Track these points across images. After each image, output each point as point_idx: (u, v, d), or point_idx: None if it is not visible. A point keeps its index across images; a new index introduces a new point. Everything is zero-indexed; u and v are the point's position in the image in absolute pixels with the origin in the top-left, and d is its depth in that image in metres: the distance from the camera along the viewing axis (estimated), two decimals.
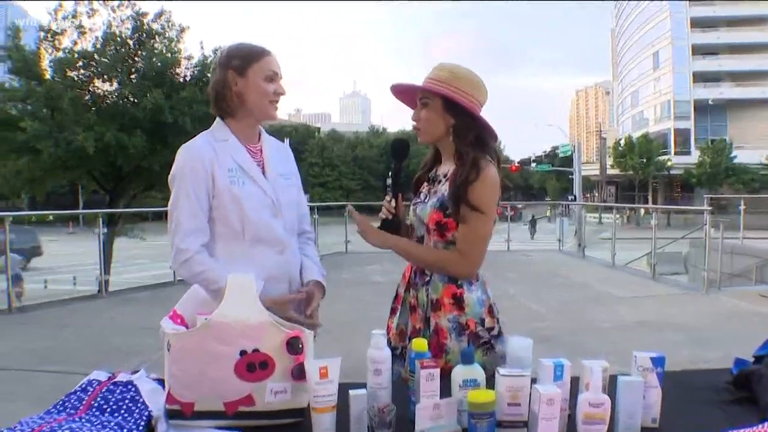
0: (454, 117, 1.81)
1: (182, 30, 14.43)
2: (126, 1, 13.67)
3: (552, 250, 14.57)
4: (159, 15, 14.10)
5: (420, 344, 1.45)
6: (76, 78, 13.37)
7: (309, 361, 1.34)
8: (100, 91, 13.89)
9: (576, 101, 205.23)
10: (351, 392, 1.32)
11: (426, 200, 1.89)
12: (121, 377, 1.50)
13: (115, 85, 13.79)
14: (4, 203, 39.93)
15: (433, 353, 1.67)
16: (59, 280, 16.14)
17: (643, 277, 9.93)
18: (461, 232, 1.78)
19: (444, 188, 1.83)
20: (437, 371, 1.32)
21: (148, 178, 14.85)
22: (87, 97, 13.62)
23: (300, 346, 1.35)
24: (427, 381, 1.30)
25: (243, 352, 1.33)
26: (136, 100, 13.25)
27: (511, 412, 1.28)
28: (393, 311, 2.00)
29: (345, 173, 59.18)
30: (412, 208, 1.96)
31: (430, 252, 1.85)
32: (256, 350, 1.34)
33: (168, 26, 14.21)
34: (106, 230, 10.08)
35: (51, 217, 38.14)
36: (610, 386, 1.42)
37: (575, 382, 1.42)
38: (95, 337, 5.98)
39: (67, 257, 21.20)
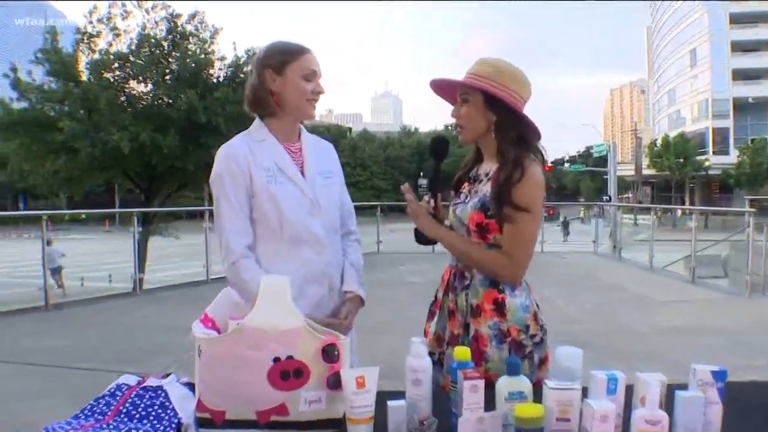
0: (496, 113, 1.72)
1: (215, 31, 14.56)
2: (160, 2, 13.84)
3: (587, 251, 14.30)
4: (192, 16, 14.24)
5: (463, 353, 1.36)
6: (111, 79, 13.58)
7: (345, 370, 1.27)
8: (135, 92, 14.09)
9: (611, 100, 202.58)
10: (389, 403, 1.25)
11: (467, 200, 1.80)
12: (151, 382, 1.45)
13: (150, 86, 13.97)
14: (43, 202, 40.95)
15: (477, 363, 1.61)
16: (95, 277, 16.46)
17: (681, 280, 9.69)
18: (506, 234, 1.70)
19: (486, 188, 1.75)
20: (482, 383, 1.25)
21: (182, 178, 15.02)
22: (122, 99, 13.81)
23: (336, 353, 1.29)
24: (471, 393, 1.23)
25: (276, 359, 1.27)
26: (170, 101, 13.40)
27: (561, 427, 1.20)
28: (431, 315, 1.91)
29: (376, 173, 59.34)
30: (452, 208, 1.87)
31: (478, 250, 1.75)
32: (290, 357, 1.27)
33: (201, 27, 14.35)
34: (140, 229, 10.20)
35: (84, 216, 39.03)
36: (667, 401, 1.32)
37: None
38: (128, 335, 6.03)
39: (103, 255, 21.63)
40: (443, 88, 1.87)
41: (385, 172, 59.60)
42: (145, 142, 12.59)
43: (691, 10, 57.23)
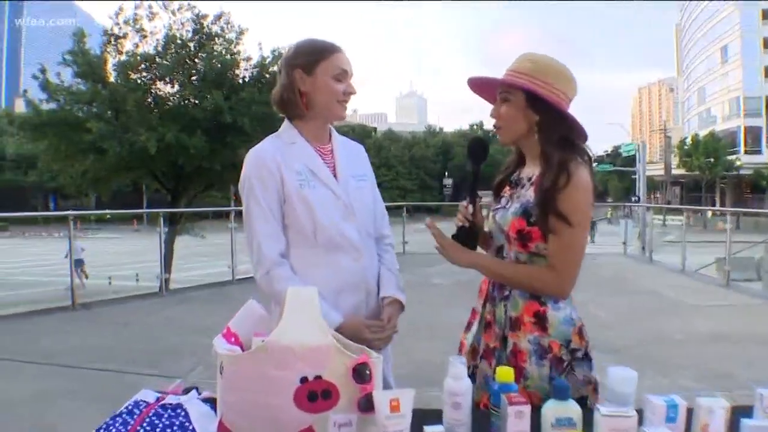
0: (538, 113, 1.60)
1: (241, 31, 14.58)
2: (186, 2, 13.90)
3: (616, 253, 14.02)
4: (218, 17, 14.29)
5: (506, 374, 1.25)
6: (138, 81, 13.68)
7: (378, 392, 1.17)
8: (162, 93, 14.18)
9: (638, 98, 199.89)
10: (427, 429, 1.15)
11: (507, 206, 1.68)
12: (170, 399, 1.37)
13: (177, 87, 14.04)
14: (72, 201, 41.62)
15: (515, 379, 1.48)
16: (123, 276, 16.61)
17: (714, 284, 9.40)
18: (553, 246, 1.57)
19: (528, 194, 1.63)
20: (528, 408, 1.14)
21: (209, 178, 15.10)
22: (149, 99, 13.91)
23: (368, 373, 1.19)
24: (516, 420, 1.12)
25: (304, 379, 1.17)
26: (196, 102, 13.45)
27: None
28: (468, 326, 1.80)
29: (402, 173, 59.28)
30: (491, 214, 1.75)
31: (519, 270, 1.63)
32: (318, 377, 1.18)
33: (227, 28, 14.40)
34: (167, 229, 10.25)
35: (108, 216, 39.75)
36: (731, 428, 1.19)
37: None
38: (153, 336, 6.00)
39: (131, 254, 21.83)
40: (482, 87, 1.75)
41: (411, 172, 59.50)
42: (172, 143, 12.67)
43: (721, 6, 56.19)
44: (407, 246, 12.90)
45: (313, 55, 1.75)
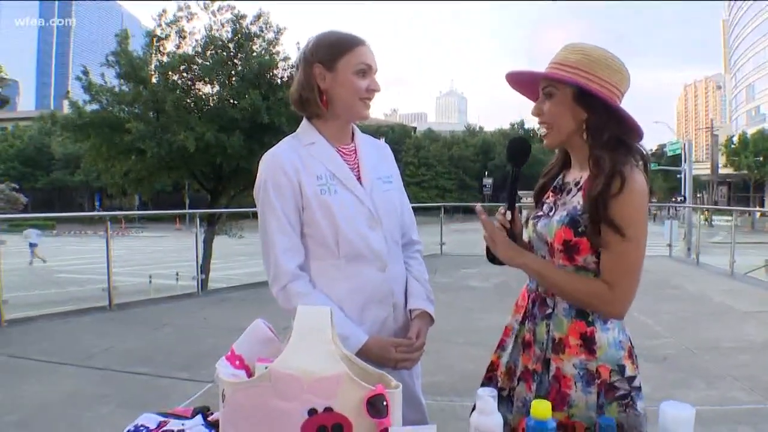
0: (588, 110, 1.43)
1: (279, 31, 14.58)
2: (226, 2, 13.96)
3: (661, 255, 13.58)
4: (257, 17, 14.31)
5: (542, 410, 1.10)
6: (178, 81, 13.81)
7: (397, 427, 1.03)
8: (201, 93, 14.29)
9: (684, 96, 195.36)
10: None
11: (551, 214, 1.52)
12: (172, 425, 1.26)
13: (217, 87, 14.13)
14: (117, 200, 42.60)
15: (553, 403, 1.31)
16: (163, 275, 16.82)
17: (763, 288, 8.97)
18: (607, 261, 1.40)
19: (576, 200, 1.46)
20: None
21: (247, 178, 15.15)
22: (189, 100, 14.03)
23: (384, 405, 1.05)
24: None
25: (312, 411, 1.05)
26: (235, 102, 13.51)
27: None
28: (500, 345, 1.64)
29: (441, 173, 59.00)
30: (532, 222, 1.58)
31: (575, 280, 1.44)
32: (328, 409, 1.05)
33: (266, 28, 14.40)
34: (206, 229, 10.27)
35: (136, 217, 41.16)
36: None
37: None
38: (188, 338, 5.98)
39: (173, 253, 22.16)
40: (522, 82, 1.58)
41: (450, 172, 59.14)
42: (211, 142, 12.75)
43: None
44: (445, 247, 12.71)
45: (333, 49, 1.61)
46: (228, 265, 16.51)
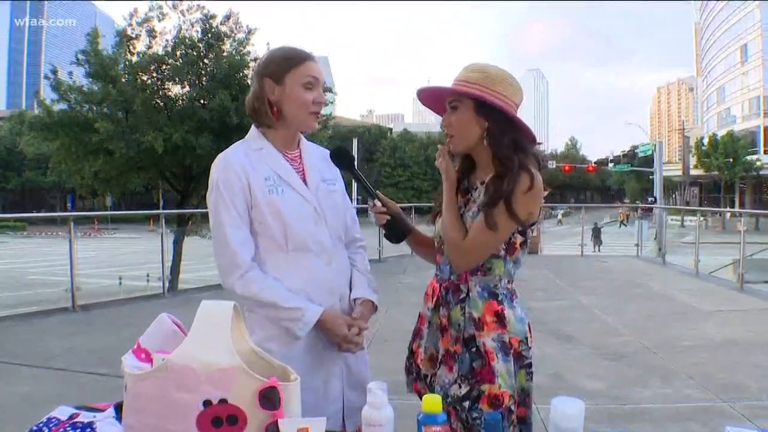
0: (488, 119, 1.63)
1: (250, 32, 14.54)
2: (195, 2, 13.89)
3: (629, 255, 13.77)
4: (227, 17, 14.26)
5: (432, 404, 1.11)
6: (148, 81, 13.69)
7: (286, 420, 1.05)
8: (171, 93, 14.19)
9: (657, 98, 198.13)
10: None
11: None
12: (83, 416, 1.26)
13: (187, 88, 14.04)
14: (89, 201, 42.10)
15: (486, 379, 1.55)
16: (134, 276, 16.65)
17: (728, 287, 9.13)
18: (477, 224, 1.59)
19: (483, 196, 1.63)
20: None
21: None
22: (158, 100, 13.92)
23: (278, 398, 1.07)
24: None
25: (207, 402, 1.06)
26: (204, 102, 13.44)
27: None
28: (417, 333, 1.79)
29: (417, 173, 59.18)
30: (438, 220, 1.75)
31: (457, 219, 1.65)
32: (223, 401, 1.06)
33: (236, 28, 14.35)
34: (175, 229, 10.20)
35: (105, 217, 40.65)
36: None
37: None
38: None
39: (144, 255, 21.96)
40: (431, 99, 1.77)
41: (426, 173, 59.36)
42: (179, 143, 12.66)
43: (741, 5, 55.41)
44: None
45: (282, 64, 1.71)
46: (202, 266, 16.40)
